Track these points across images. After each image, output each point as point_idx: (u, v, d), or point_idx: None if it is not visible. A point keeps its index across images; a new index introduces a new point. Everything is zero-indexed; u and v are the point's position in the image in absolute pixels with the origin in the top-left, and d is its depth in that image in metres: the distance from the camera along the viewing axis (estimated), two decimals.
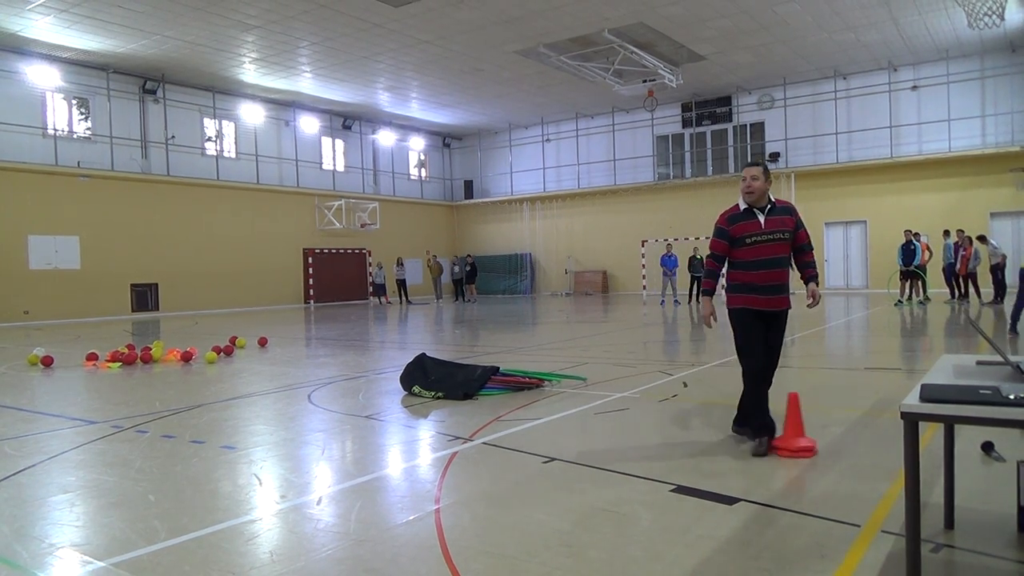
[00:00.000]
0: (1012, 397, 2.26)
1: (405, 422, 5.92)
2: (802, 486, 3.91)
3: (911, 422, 2.38)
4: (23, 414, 6.64)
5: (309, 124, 27.04)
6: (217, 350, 10.53)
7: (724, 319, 5.04)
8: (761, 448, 4.48)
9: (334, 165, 28.65)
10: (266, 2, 16.43)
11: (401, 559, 3.05)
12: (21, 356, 11.12)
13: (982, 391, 2.36)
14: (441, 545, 3.17)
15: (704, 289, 4.85)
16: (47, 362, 10.04)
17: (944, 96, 22.51)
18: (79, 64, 20.44)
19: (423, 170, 32.88)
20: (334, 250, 27.53)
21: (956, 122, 22.36)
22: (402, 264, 26.73)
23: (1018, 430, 4.41)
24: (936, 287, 19.90)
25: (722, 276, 4.96)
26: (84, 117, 21.22)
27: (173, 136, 22.82)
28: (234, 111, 24.62)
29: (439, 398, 6.70)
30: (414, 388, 6.96)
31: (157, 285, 22.24)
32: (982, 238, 18.15)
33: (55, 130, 20.40)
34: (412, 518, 3.56)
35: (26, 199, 19.37)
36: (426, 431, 5.56)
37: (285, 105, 26.14)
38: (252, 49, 19.88)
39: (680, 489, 3.84)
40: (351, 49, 19.86)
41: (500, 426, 5.53)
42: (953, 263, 18.31)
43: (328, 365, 9.68)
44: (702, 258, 21.65)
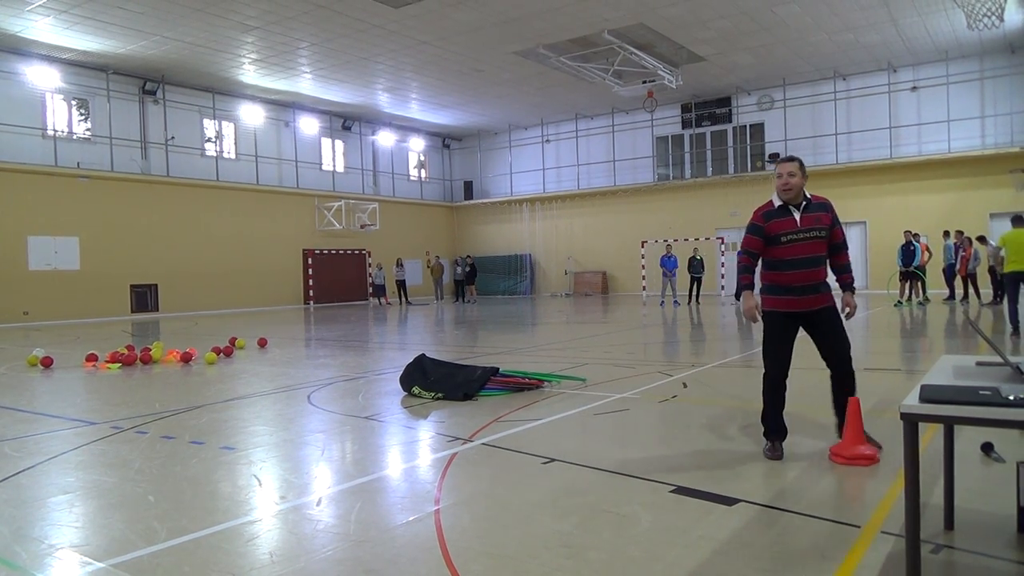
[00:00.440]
0: (1012, 398, 2.26)
1: (405, 423, 5.92)
2: (802, 487, 3.91)
3: (911, 423, 2.38)
4: (23, 415, 6.64)
5: (309, 125, 27.05)
6: (217, 351, 10.52)
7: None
8: (776, 452, 4.39)
9: (334, 166, 28.66)
10: (265, 3, 16.44)
11: (401, 560, 3.05)
12: (21, 357, 11.12)
13: (982, 392, 2.36)
14: (441, 546, 3.17)
15: (743, 284, 4.65)
16: (47, 363, 10.04)
17: (944, 97, 22.53)
18: (79, 65, 20.45)
19: (423, 171, 32.88)
20: (334, 251, 27.53)
21: (955, 123, 22.37)
22: (402, 265, 26.72)
23: (1018, 431, 4.42)
24: (936, 287, 19.91)
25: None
26: (84, 118, 21.22)
27: (173, 137, 22.82)
28: (234, 112, 24.62)
29: (439, 399, 6.69)
30: (414, 389, 6.96)
31: (157, 286, 22.24)
32: (981, 239, 18.16)
33: (55, 131, 20.40)
34: (412, 519, 3.56)
35: (26, 200, 19.37)
36: (426, 432, 5.55)
37: (285, 106, 26.15)
38: (252, 50, 19.88)
39: (680, 490, 3.84)
40: (351, 50, 19.86)
41: (500, 427, 5.53)
42: (953, 264, 18.31)
43: (328, 366, 9.67)
44: (701, 259, 21.66)
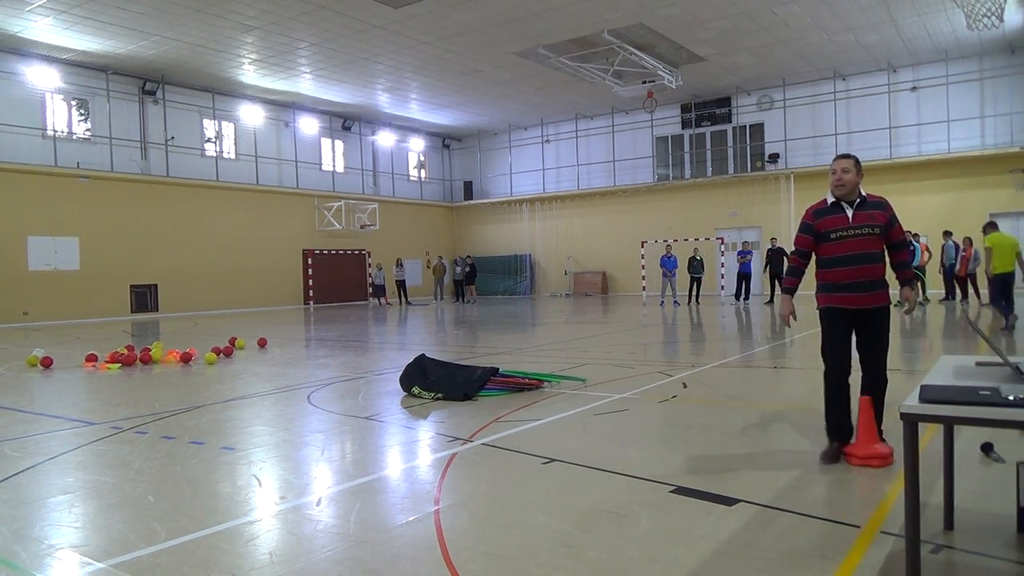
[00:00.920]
0: (1011, 398, 2.26)
1: (405, 423, 5.91)
2: (802, 487, 3.91)
3: (911, 423, 2.38)
4: (22, 415, 6.63)
5: (309, 125, 27.04)
6: (216, 351, 10.52)
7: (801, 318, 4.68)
8: (830, 454, 4.27)
9: (334, 166, 28.65)
10: (265, 3, 16.43)
11: (401, 560, 3.05)
12: (20, 357, 11.11)
13: (982, 392, 2.36)
14: (441, 546, 3.17)
15: (785, 287, 4.62)
16: (46, 363, 10.04)
17: (943, 97, 22.52)
18: (79, 65, 20.44)
19: (423, 171, 32.88)
20: (334, 251, 27.52)
21: (955, 123, 22.37)
22: (401, 265, 26.71)
23: (1018, 431, 4.41)
24: (935, 287, 19.90)
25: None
26: (84, 118, 21.21)
27: (173, 137, 22.81)
28: (234, 112, 24.61)
29: (439, 399, 6.69)
30: (414, 389, 6.95)
31: (156, 286, 22.24)
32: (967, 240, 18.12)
33: (55, 131, 20.39)
34: (412, 519, 3.56)
35: (26, 200, 19.36)
36: (426, 432, 5.55)
37: (285, 106, 26.14)
38: (251, 50, 19.88)
39: (680, 490, 3.84)
40: (350, 50, 19.86)
41: (500, 427, 5.53)
42: (954, 264, 18.30)
43: (327, 366, 9.67)
44: (701, 259, 21.66)
